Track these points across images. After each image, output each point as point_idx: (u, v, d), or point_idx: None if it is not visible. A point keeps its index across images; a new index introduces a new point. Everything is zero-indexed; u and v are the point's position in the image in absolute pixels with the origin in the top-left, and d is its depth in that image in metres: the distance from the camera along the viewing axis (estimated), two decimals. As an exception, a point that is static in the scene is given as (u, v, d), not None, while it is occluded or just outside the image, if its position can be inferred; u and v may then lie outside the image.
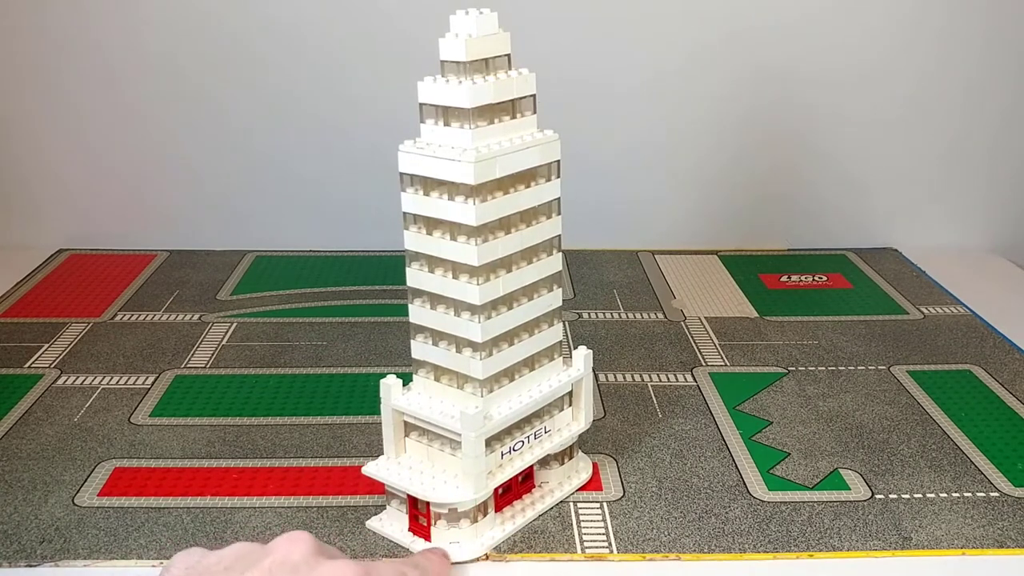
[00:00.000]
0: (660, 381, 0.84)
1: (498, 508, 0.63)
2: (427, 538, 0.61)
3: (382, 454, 0.69)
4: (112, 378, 0.83)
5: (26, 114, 1.10)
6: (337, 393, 0.81)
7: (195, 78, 1.09)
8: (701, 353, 0.89)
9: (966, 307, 0.99)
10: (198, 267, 1.08)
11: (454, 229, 0.58)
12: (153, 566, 0.60)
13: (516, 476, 0.63)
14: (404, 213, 0.59)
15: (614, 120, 1.11)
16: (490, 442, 0.60)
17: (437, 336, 0.61)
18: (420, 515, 0.61)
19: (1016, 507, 0.66)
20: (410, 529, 0.62)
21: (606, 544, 0.62)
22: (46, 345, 0.89)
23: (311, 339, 0.91)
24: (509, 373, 0.62)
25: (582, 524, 0.64)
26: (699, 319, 0.96)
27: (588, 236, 1.14)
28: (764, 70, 1.09)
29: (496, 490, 0.62)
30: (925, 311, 0.98)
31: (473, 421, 0.58)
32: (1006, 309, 0.98)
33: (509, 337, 0.61)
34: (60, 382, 0.82)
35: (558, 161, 0.61)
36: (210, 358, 0.87)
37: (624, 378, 0.84)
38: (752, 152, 1.13)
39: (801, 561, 0.61)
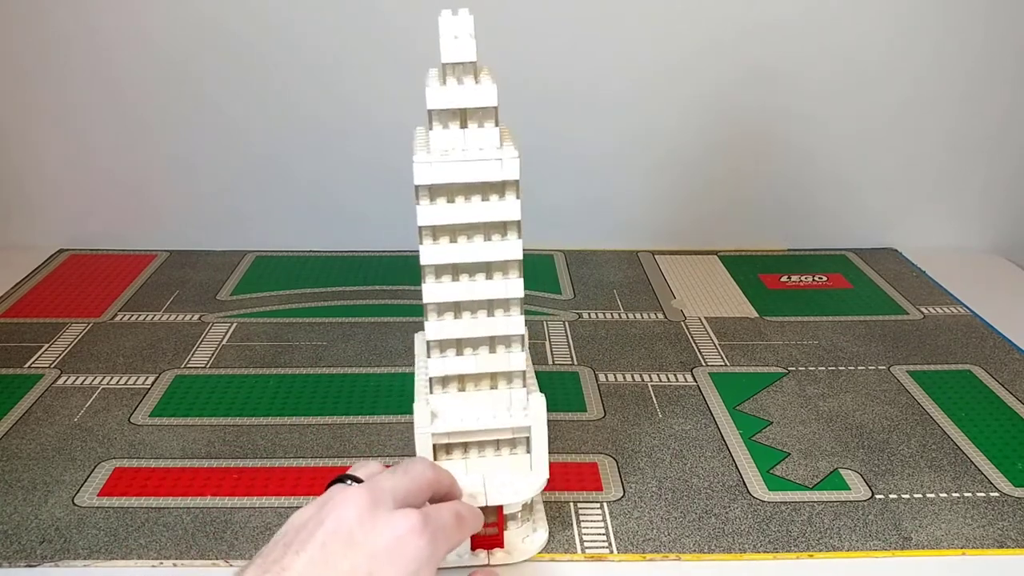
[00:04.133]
0: (660, 381, 0.84)
1: None
2: (501, 545, 0.60)
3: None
4: (112, 378, 0.83)
5: (26, 114, 1.10)
6: (337, 393, 0.81)
7: (195, 78, 1.09)
8: (701, 353, 0.89)
9: (966, 307, 0.99)
10: (198, 267, 1.08)
11: (489, 229, 0.57)
12: (153, 566, 0.60)
13: None
14: (421, 227, 0.56)
15: (613, 120, 1.11)
16: None
17: (461, 345, 0.59)
18: (487, 526, 0.59)
19: (1016, 507, 0.66)
20: (475, 547, 0.60)
21: (606, 544, 0.62)
22: (46, 345, 0.89)
23: (311, 339, 0.91)
24: None
25: (582, 524, 0.64)
26: (699, 319, 0.96)
27: (588, 236, 1.14)
28: (764, 70, 1.09)
29: None
30: (925, 311, 0.98)
31: (543, 408, 0.59)
32: (1006, 309, 0.98)
33: None
34: (60, 382, 0.82)
35: None
36: (210, 358, 0.87)
37: (624, 378, 0.84)
38: (752, 152, 1.13)
39: (801, 561, 0.61)
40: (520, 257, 0.57)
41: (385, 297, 1.01)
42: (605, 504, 0.66)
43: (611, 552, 0.61)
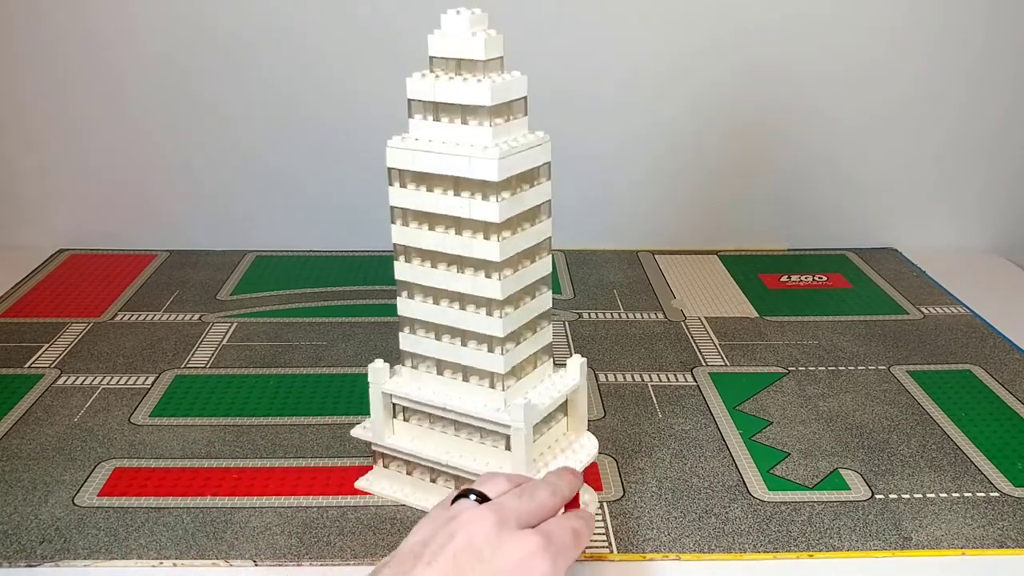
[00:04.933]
0: (660, 381, 0.84)
1: None
2: (578, 506, 0.62)
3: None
4: (112, 378, 0.83)
5: (26, 114, 1.10)
6: (337, 393, 0.81)
7: (195, 79, 1.09)
8: (701, 353, 0.89)
9: (966, 307, 0.99)
10: (198, 267, 1.08)
11: (533, 214, 0.60)
12: (153, 566, 0.60)
13: None
14: (499, 224, 0.57)
15: (613, 120, 1.11)
16: None
17: (517, 335, 0.60)
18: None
19: (1016, 507, 0.66)
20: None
21: (606, 544, 0.62)
22: (46, 345, 0.89)
23: (311, 339, 0.91)
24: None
25: (582, 524, 0.64)
26: (699, 319, 0.96)
27: (588, 236, 1.14)
28: (764, 70, 1.09)
29: None
30: (925, 311, 0.98)
31: (584, 364, 0.65)
32: (1006, 309, 0.98)
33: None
34: (60, 382, 0.82)
35: None
36: (210, 358, 0.87)
37: (624, 378, 0.84)
38: (752, 152, 1.13)
39: (801, 561, 0.61)
40: (551, 234, 0.62)
41: (385, 297, 1.01)
42: (605, 504, 0.66)
43: (611, 552, 0.61)
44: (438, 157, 0.57)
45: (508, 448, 0.60)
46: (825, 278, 1.07)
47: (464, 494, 0.52)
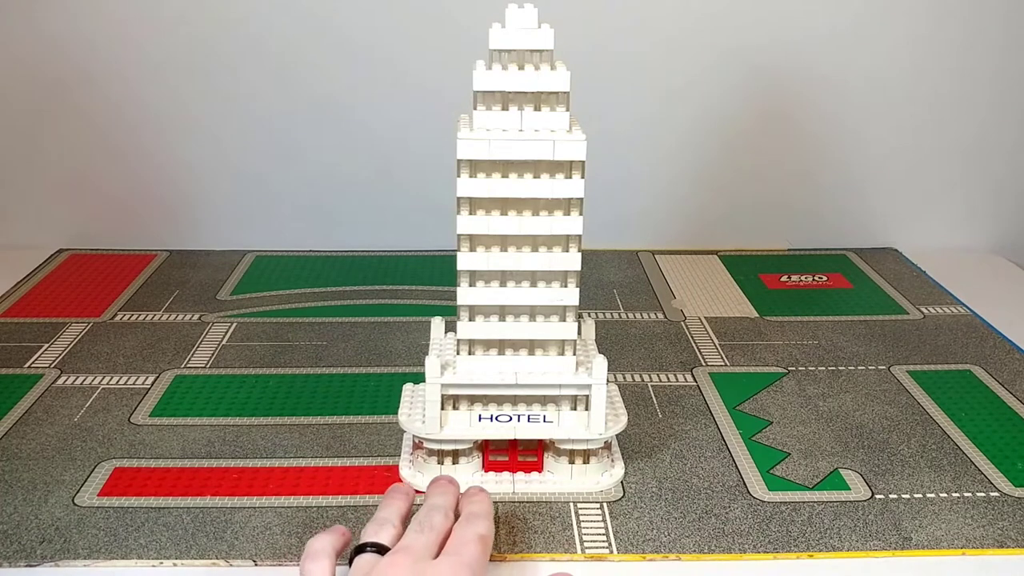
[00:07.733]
0: (660, 381, 0.84)
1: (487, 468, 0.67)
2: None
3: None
4: (112, 378, 0.83)
5: (25, 113, 1.10)
6: (337, 393, 0.81)
7: (194, 77, 1.09)
8: (701, 353, 0.89)
9: (966, 307, 0.99)
10: (198, 267, 1.08)
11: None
12: (153, 566, 0.60)
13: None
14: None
15: (613, 119, 1.11)
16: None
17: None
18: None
19: (1016, 507, 0.66)
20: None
21: (606, 544, 0.62)
22: (46, 345, 0.89)
23: (311, 339, 0.91)
24: None
25: (582, 524, 0.64)
26: (699, 319, 0.96)
27: (588, 236, 1.12)
28: (764, 71, 1.09)
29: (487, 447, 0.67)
30: (925, 311, 0.98)
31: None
32: (1006, 309, 0.98)
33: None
34: (60, 382, 0.82)
35: None
36: (210, 358, 0.87)
37: (624, 378, 0.84)
38: (752, 152, 1.13)
39: (801, 561, 0.61)
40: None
41: (385, 297, 1.01)
42: (605, 504, 0.66)
43: (611, 552, 0.61)
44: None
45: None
46: (825, 278, 1.07)
47: (361, 549, 0.54)
